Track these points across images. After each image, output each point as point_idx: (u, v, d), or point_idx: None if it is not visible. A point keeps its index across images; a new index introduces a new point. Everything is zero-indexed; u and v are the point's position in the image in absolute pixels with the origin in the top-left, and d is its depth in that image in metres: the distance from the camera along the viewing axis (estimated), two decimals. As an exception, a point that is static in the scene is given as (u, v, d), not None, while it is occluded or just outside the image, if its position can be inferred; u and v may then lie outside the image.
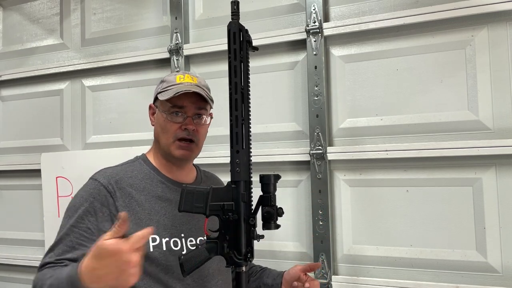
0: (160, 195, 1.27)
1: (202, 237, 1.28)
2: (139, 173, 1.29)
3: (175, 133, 1.26)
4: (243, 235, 1.12)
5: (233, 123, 1.13)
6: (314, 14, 1.88)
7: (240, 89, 1.13)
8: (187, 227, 1.27)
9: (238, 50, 1.14)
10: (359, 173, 1.84)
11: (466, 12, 1.67)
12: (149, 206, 1.24)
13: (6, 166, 2.55)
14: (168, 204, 1.27)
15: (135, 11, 2.33)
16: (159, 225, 1.22)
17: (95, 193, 1.21)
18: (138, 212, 1.22)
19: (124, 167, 1.31)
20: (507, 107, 1.65)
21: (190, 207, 1.15)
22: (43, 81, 2.52)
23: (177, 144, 1.26)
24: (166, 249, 1.21)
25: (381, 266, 1.79)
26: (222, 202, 1.12)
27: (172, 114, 1.26)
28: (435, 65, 1.74)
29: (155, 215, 1.23)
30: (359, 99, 1.86)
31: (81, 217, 1.18)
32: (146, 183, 1.27)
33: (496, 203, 1.64)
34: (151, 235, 1.17)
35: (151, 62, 2.23)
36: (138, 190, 1.25)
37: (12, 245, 2.54)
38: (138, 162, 1.33)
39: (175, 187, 1.30)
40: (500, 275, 1.63)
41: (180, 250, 1.22)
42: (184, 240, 1.25)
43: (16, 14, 2.66)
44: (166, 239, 1.22)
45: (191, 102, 1.27)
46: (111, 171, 1.28)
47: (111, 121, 2.34)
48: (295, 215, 1.93)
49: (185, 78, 1.29)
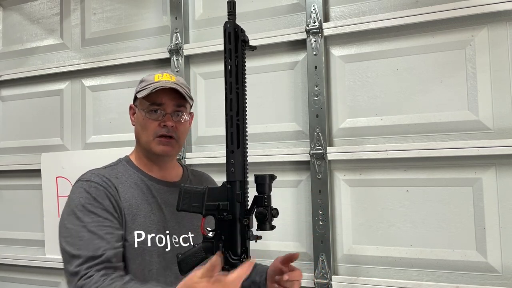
0: (146, 193, 1.29)
1: (186, 235, 1.30)
2: (123, 175, 1.31)
3: (155, 131, 1.27)
4: (238, 235, 1.11)
5: (227, 123, 1.13)
6: (314, 14, 1.88)
7: (235, 89, 1.13)
8: (171, 224, 1.29)
9: (233, 50, 1.14)
10: (359, 173, 1.84)
11: (466, 12, 1.67)
12: (136, 203, 1.26)
13: (6, 166, 2.55)
14: (154, 201, 1.29)
15: (135, 11, 2.33)
16: (145, 220, 1.25)
17: (92, 191, 1.21)
18: (125, 207, 1.24)
19: (108, 169, 1.32)
20: (507, 107, 1.64)
21: (188, 206, 1.16)
22: (43, 81, 2.52)
23: (157, 140, 1.28)
24: (151, 244, 1.23)
25: (381, 266, 1.79)
26: (218, 202, 1.12)
27: (151, 112, 1.28)
28: (435, 65, 1.74)
29: (141, 211, 1.26)
30: (359, 99, 1.86)
31: (91, 212, 1.18)
32: (131, 183, 1.29)
33: (496, 203, 1.64)
34: (136, 231, 1.21)
35: (151, 62, 2.23)
36: (125, 189, 1.27)
37: (12, 245, 2.54)
38: (121, 164, 1.35)
39: (159, 185, 1.32)
40: (500, 275, 1.63)
41: (164, 247, 1.25)
42: (169, 237, 1.27)
43: (16, 14, 2.66)
44: (152, 234, 1.24)
45: (170, 99, 1.28)
46: (98, 172, 1.29)
47: (111, 121, 2.34)
48: (295, 215, 1.93)
49: (163, 76, 1.31)
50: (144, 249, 1.22)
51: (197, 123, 2.14)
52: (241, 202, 1.12)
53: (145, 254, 1.22)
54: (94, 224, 1.16)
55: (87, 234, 1.15)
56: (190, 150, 2.14)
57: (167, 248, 1.25)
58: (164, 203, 1.30)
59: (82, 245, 1.14)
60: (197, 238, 1.30)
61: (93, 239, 1.14)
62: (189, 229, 1.32)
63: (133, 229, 1.22)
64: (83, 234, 1.15)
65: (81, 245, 1.14)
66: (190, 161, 2.09)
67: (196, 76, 2.16)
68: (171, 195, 1.31)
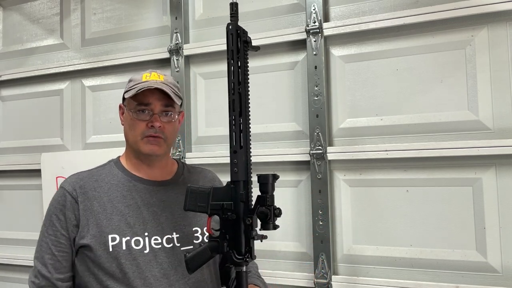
0: (125, 195, 1.28)
1: (170, 235, 1.28)
2: (107, 176, 1.31)
3: (142, 131, 1.27)
4: (242, 234, 1.12)
5: (230, 124, 1.14)
6: (314, 14, 1.88)
7: (237, 90, 1.14)
8: (152, 225, 1.27)
9: (235, 51, 1.15)
10: (359, 173, 1.84)
11: (466, 12, 1.67)
12: (111, 206, 1.26)
13: (6, 166, 2.55)
14: (133, 203, 1.28)
15: (135, 11, 2.33)
16: (120, 224, 1.24)
17: (62, 200, 1.27)
18: (98, 213, 1.25)
19: (91, 171, 1.34)
20: (507, 107, 1.65)
21: (194, 206, 1.18)
22: (43, 81, 2.52)
23: (145, 140, 1.27)
24: (125, 248, 1.22)
25: (381, 266, 1.79)
26: (222, 201, 1.14)
27: (139, 112, 1.27)
28: (435, 65, 1.74)
29: (116, 215, 1.25)
30: (359, 99, 1.86)
31: (54, 225, 1.26)
32: (111, 185, 1.29)
33: (496, 203, 1.64)
34: (111, 235, 1.22)
35: (151, 62, 2.22)
36: (102, 192, 1.28)
37: (12, 245, 2.54)
38: (109, 165, 1.36)
39: (143, 185, 1.31)
40: (500, 275, 1.63)
41: (142, 249, 1.24)
42: (148, 239, 1.25)
43: (16, 14, 2.66)
44: (127, 238, 1.23)
45: (157, 99, 1.27)
46: (77, 177, 1.32)
47: (111, 121, 2.34)
48: (295, 215, 1.93)
49: (151, 76, 1.30)
50: (119, 252, 1.21)
51: (197, 123, 2.14)
52: (244, 202, 1.13)
53: (120, 257, 1.21)
54: (52, 238, 1.26)
55: (45, 245, 1.27)
56: (190, 150, 2.14)
57: (145, 250, 1.24)
58: (146, 204, 1.29)
59: (39, 255, 1.28)
60: (182, 238, 1.29)
61: (45, 255, 1.26)
62: (173, 229, 1.29)
63: (107, 233, 1.22)
64: (42, 244, 1.28)
65: (38, 256, 1.28)
66: (190, 161, 2.08)
67: (196, 76, 2.16)
68: (156, 195, 1.31)
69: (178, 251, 1.27)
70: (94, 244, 1.22)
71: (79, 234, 1.24)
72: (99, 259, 1.21)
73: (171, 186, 1.34)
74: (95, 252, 1.21)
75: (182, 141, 2.10)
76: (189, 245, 1.29)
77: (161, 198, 1.31)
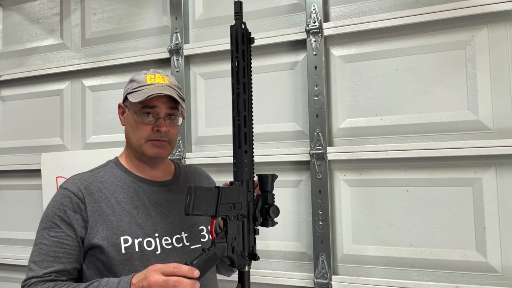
0: (132, 196, 1.26)
1: (179, 235, 1.27)
2: (110, 177, 1.29)
3: (147, 135, 1.25)
4: (250, 233, 1.13)
5: (241, 124, 1.13)
6: (314, 14, 1.88)
7: (250, 89, 1.14)
8: (161, 226, 1.26)
9: (246, 50, 1.15)
10: (359, 173, 1.84)
11: (466, 12, 1.67)
12: (120, 208, 1.23)
13: (6, 166, 2.55)
14: (141, 204, 1.26)
15: (135, 11, 2.33)
16: (131, 226, 1.22)
17: (66, 201, 1.22)
18: (108, 215, 1.22)
19: (93, 172, 1.31)
20: (507, 107, 1.65)
21: (200, 209, 1.13)
22: (43, 81, 2.52)
23: (150, 143, 1.25)
24: (138, 249, 1.20)
25: (381, 266, 1.79)
26: (232, 202, 1.12)
27: (143, 115, 1.24)
28: (435, 65, 1.74)
29: (126, 216, 1.23)
30: (359, 99, 1.86)
31: (58, 226, 1.20)
32: (117, 186, 1.27)
33: (496, 203, 1.65)
34: (123, 237, 1.19)
35: (151, 62, 2.23)
36: (109, 194, 1.25)
37: (12, 245, 2.54)
38: (109, 166, 1.33)
39: (148, 186, 1.30)
40: (500, 275, 1.63)
41: (154, 250, 1.22)
42: (159, 240, 1.24)
43: (16, 14, 2.66)
44: (139, 239, 1.21)
45: (163, 102, 1.25)
46: (80, 177, 1.27)
47: (111, 121, 2.34)
48: (295, 215, 1.93)
49: (155, 78, 1.27)
50: (132, 254, 1.19)
51: (197, 123, 2.14)
52: (252, 201, 1.14)
53: (133, 259, 1.19)
54: (55, 240, 1.19)
55: (46, 248, 1.19)
56: (190, 150, 2.14)
57: (157, 251, 1.22)
58: (153, 204, 1.27)
59: (38, 259, 1.19)
60: (190, 237, 1.29)
61: (49, 255, 1.18)
62: (182, 229, 1.29)
63: (119, 235, 1.19)
64: (42, 247, 1.20)
65: (37, 260, 1.19)
66: (190, 161, 2.09)
67: (196, 76, 2.16)
68: (161, 195, 1.30)
69: (188, 250, 1.27)
70: (106, 246, 1.18)
71: (87, 236, 1.20)
72: (111, 261, 1.18)
73: (174, 186, 1.34)
74: (107, 254, 1.18)
75: (182, 141, 2.10)
76: (197, 244, 1.30)
77: (167, 198, 1.30)
